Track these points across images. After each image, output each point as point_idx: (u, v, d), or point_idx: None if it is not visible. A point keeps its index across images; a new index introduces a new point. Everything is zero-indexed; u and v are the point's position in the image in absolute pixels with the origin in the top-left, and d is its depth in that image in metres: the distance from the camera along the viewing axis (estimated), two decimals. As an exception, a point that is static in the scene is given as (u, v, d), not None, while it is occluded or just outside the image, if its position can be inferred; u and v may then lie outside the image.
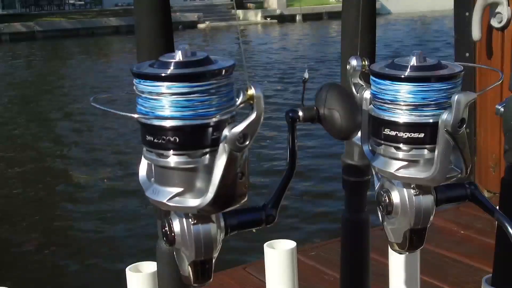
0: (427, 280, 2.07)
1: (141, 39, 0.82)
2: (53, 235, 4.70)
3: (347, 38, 0.93)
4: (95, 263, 4.08)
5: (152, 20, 0.81)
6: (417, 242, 0.84)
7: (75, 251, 4.35)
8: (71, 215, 5.22)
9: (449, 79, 0.75)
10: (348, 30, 0.92)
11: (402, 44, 14.83)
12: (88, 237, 4.57)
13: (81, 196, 5.66)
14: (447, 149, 0.75)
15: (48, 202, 5.59)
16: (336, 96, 0.79)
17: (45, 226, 4.88)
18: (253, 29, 23.55)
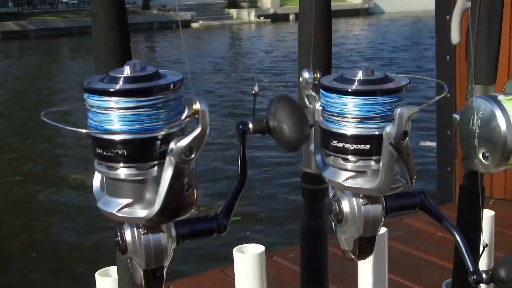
0: (402, 281, 2.10)
1: (98, 52, 0.84)
2: (32, 239, 4.68)
3: (303, 50, 0.95)
4: (68, 268, 4.07)
5: (109, 33, 0.83)
6: (367, 250, 0.86)
7: (48, 255, 4.33)
8: (51, 218, 5.20)
9: (394, 93, 0.78)
10: (304, 43, 0.94)
11: (392, 46, 14.81)
12: (62, 242, 4.56)
13: (60, 198, 5.63)
14: (391, 160, 0.77)
15: (28, 203, 5.57)
16: (285, 108, 0.81)
17: (25, 230, 4.87)
18: (246, 28, 23.56)
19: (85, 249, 4.30)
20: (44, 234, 4.78)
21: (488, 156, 0.97)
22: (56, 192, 5.79)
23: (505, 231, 2.58)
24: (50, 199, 5.65)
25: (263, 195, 4.93)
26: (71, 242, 4.51)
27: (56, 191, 5.83)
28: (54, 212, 5.31)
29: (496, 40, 1.02)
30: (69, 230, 4.79)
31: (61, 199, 5.61)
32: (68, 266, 4.08)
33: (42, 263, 4.19)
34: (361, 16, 26.04)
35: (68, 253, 4.31)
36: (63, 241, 4.56)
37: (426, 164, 4.76)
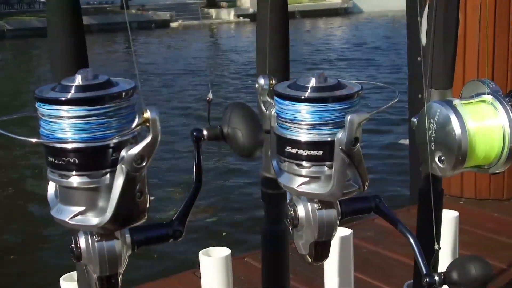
0: (370, 281, 2.13)
1: (54, 59, 0.84)
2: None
3: (260, 56, 0.96)
4: (34, 273, 4.04)
5: (64, 40, 0.84)
6: (323, 253, 0.88)
7: (14, 259, 4.30)
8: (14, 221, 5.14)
9: (346, 99, 0.79)
10: (261, 49, 0.95)
11: (369, 46, 14.84)
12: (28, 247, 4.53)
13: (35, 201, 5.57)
14: (343, 166, 0.78)
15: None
16: (239, 115, 0.82)
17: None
18: (225, 28, 23.54)
19: (50, 254, 4.28)
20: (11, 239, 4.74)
21: (444, 160, 0.99)
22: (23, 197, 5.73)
23: (474, 230, 2.62)
24: (15, 202, 5.60)
25: (240, 197, 4.94)
26: (36, 248, 4.48)
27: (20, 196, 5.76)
28: (19, 215, 5.26)
29: (452, 46, 1.04)
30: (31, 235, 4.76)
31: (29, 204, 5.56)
32: (32, 272, 4.05)
33: (7, 267, 4.15)
34: (340, 16, 26.12)
35: (32, 258, 4.28)
36: (30, 246, 4.52)
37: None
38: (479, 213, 2.82)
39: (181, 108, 8.51)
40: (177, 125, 7.41)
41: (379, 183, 4.93)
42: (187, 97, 9.37)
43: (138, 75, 0.72)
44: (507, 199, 2.89)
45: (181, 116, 7.96)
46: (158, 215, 4.18)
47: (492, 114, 0.98)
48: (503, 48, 2.76)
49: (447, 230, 1.51)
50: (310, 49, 15.06)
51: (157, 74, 11.85)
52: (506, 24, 2.74)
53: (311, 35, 19.41)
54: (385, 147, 6.09)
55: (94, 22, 21.82)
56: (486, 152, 0.99)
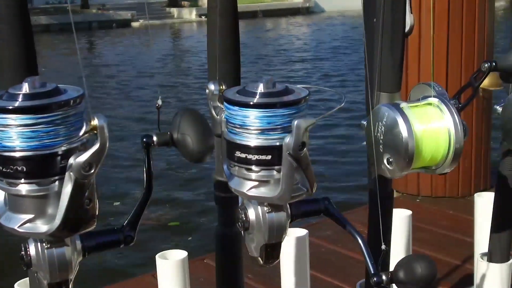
0: (329, 280, 2.16)
1: (2, 66, 0.84)
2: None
3: (211, 62, 0.97)
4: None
5: (13, 48, 0.83)
6: (273, 255, 0.89)
7: None
8: None
9: (293, 105, 0.81)
10: (212, 54, 0.97)
11: (329, 46, 14.90)
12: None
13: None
14: (291, 170, 0.80)
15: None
16: (188, 121, 0.83)
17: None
18: (187, 27, 23.45)
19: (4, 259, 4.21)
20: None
21: (392, 162, 1.01)
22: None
23: (430, 228, 2.68)
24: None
25: (202, 199, 4.94)
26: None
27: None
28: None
29: (399, 49, 1.06)
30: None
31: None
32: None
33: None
34: (302, 15, 26.25)
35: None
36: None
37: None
38: (435, 211, 2.88)
39: (138, 112, 8.38)
40: (134, 129, 7.31)
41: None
42: (145, 100, 9.17)
43: (85, 81, 0.73)
44: (462, 196, 2.96)
45: (138, 120, 7.85)
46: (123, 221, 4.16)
47: (438, 116, 1.01)
48: (456, 50, 2.82)
49: (400, 229, 1.54)
50: (270, 49, 15.09)
51: (116, 75, 11.71)
52: (459, 27, 2.81)
53: (272, 34, 19.46)
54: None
55: (54, 22, 21.54)
56: (433, 153, 1.01)
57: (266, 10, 25.91)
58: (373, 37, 1.07)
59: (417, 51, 2.81)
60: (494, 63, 1.05)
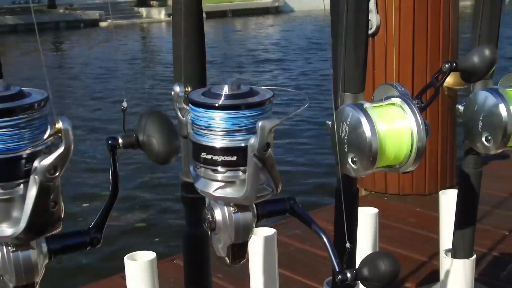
0: (298, 278, 2.18)
1: None
2: None
3: (177, 64, 0.98)
4: None
5: None
6: (240, 255, 0.90)
7: None
8: None
9: (258, 106, 0.82)
10: (178, 56, 0.97)
11: (298, 46, 14.92)
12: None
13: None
14: (256, 170, 0.81)
15: None
16: (154, 123, 0.83)
17: None
18: (156, 27, 23.33)
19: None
20: None
21: (356, 161, 1.03)
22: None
23: (397, 225, 2.72)
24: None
25: (171, 199, 4.93)
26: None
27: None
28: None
29: (363, 50, 1.08)
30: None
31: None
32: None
33: None
34: (271, 15, 26.31)
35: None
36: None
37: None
38: (402, 208, 2.92)
39: (105, 113, 8.30)
40: (102, 131, 7.25)
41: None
42: (111, 102, 9.04)
43: (49, 84, 0.73)
44: (429, 194, 3.00)
45: (105, 122, 7.78)
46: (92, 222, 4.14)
47: (400, 116, 1.03)
48: (422, 50, 2.86)
49: (367, 227, 1.56)
50: (238, 49, 15.09)
51: (82, 77, 11.58)
52: (424, 27, 2.85)
53: (241, 34, 19.47)
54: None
55: (20, 22, 21.24)
56: (396, 152, 1.03)
57: (236, 9, 25.92)
58: (338, 38, 1.08)
59: (384, 51, 2.84)
60: (455, 64, 1.07)
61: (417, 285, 2.15)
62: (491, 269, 2.28)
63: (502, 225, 2.66)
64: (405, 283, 2.19)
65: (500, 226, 2.65)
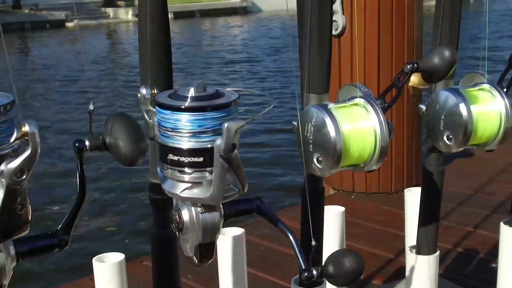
0: (267, 277, 2.20)
1: None
2: None
3: (143, 66, 0.99)
4: None
5: None
6: (207, 254, 0.91)
7: None
8: None
9: (224, 108, 0.83)
10: (144, 59, 0.98)
11: (266, 46, 14.90)
12: None
13: None
14: (222, 171, 0.82)
15: None
16: (120, 125, 0.84)
17: None
18: (123, 28, 23.17)
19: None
20: None
21: (321, 161, 1.05)
22: None
23: (364, 223, 2.75)
24: None
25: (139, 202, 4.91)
26: None
27: None
28: None
29: (327, 51, 1.10)
30: None
31: None
32: None
33: None
34: (239, 15, 26.32)
35: None
36: None
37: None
38: (369, 207, 2.96)
39: (72, 115, 8.20)
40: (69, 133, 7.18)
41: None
42: (78, 104, 8.93)
43: (15, 88, 0.73)
44: (395, 192, 3.04)
45: (73, 124, 7.70)
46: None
47: (364, 116, 1.06)
48: (387, 51, 2.90)
49: (334, 225, 1.59)
50: (206, 50, 15.06)
51: (48, 78, 11.44)
52: (389, 28, 2.89)
53: (209, 34, 19.44)
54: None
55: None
56: (360, 152, 1.06)
57: (203, 9, 25.87)
58: (304, 40, 1.10)
59: (350, 51, 2.88)
60: (416, 65, 1.10)
61: (384, 282, 2.19)
62: (456, 264, 2.33)
63: (467, 222, 2.72)
64: (372, 280, 2.23)
65: (465, 223, 2.71)
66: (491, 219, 2.71)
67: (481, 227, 2.66)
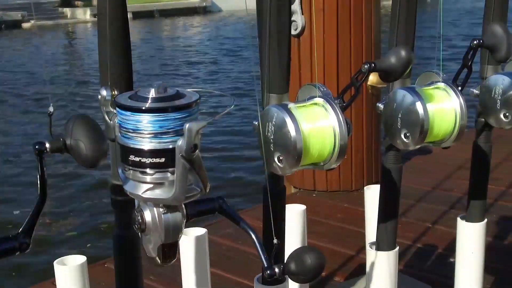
0: (230, 277, 2.21)
1: None
2: None
3: (103, 68, 0.98)
4: None
5: None
6: (170, 254, 0.92)
7: None
8: None
9: (185, 108, 0.84)
10: (103, 60, 0.98)
11: (227, 46, 14.84)
12: None
13: None
14: (184, 171, 0.83)
15: None
16: (81, 127, 0.84)
17: None
18: (82, 28, 22.88)
19: None
20: None
21: (282, 160, 1.06)
22: None
23: (326, 221, 2.79)
24: None
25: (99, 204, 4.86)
26: None
27: None
28: None
29: (286, 52, 1.11)
30: None
31: None
32: None
33: None
34: (199, 15, 26.24)
35: None
36: None
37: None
38: (330, 205, 3.00)
39: (31, 118, 8.04)
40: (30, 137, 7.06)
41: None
42: (37, 106, 8.74)
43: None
44: (356, 190, 3.09)
45: (33, 127, 7.57)
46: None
47: (323, 115, 1.07)
48: (346, 51, 2.94)
49: (295, 223, 1.60)
50: (166, 50, 14.98)
51: (4, 81, 11.22)
52: (348, 28, 2.93)
53: (168, 35, 19.32)
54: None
55: None
56: (320, 150, 1.07)
57: (163, 9, 25.71)
58: (263, 40, 1.11)
59: (309, 51, 2.91)
60: (374, 64, 1.12)
61: (345, 279, 2.22)
62: (415, 260, 2.38)
63: (426, 218, 2.77)
64: (334, 277, 2.25)
65: (424, 219, 2.76)
66: (448, 215, 2.77)
67: (439, 223, 2.72)
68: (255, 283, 1.22)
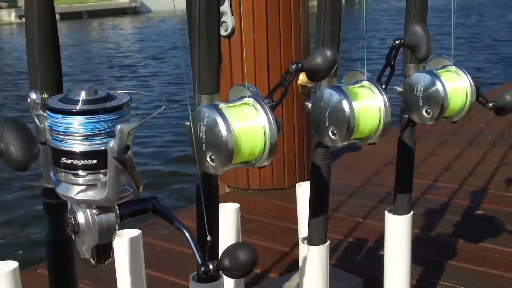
0: (166, 278, 2.21)
1: None
2: None
3: (32, 71, 0.98)
4: None
5: None
6: (105, 255, 0.92)
7: None
8: None
9: (116, 110, 0.85)
10: (32, 63, 0.97)
11: (157, 47, 14.65)
12: None
13: None
14: (117, 172, 0.84)
15: None
16: (11, 131, 0.84)
17: None
18: (6, 30, 22.21)
19: None
20: None
21: (214, 159, 1.08)
22: None
23: (260, 219, 2.82)
24: None
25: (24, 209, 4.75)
26: None
27: None
28: None
29: (216, 53, 1.13)
30: None
31: None
32: None
33: None
34: (129, 15, 25.91)
35: None
36: None
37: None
38: (264, 203, 3.04)
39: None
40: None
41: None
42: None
43: None
44: (289, 187, 3.14)
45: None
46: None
47: (253, 115, 1.10)
48: (276, 51, 2.98)
49: (229, 222, 1.63)
50: (94, 52, 14.73)
51: None
52: (277, 29, 2.97)
53: (97, 36, 18.99)
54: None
55: None
56: (251, 149, 1.10)
57: (91, 10, 25.27)
58: (193, 41, 1.12)
59: (240, 52, 2.94)
60: (301, 64, 1.15)
61: (280, 275, 2.26)
62: (347, 254, 2.44)
63: (356, 213, 2.85)
64: (269, 273, 2.29)
65: (354, 214, 2.84)
66: (378, 209, 2.85)
67: (369, 217, 2.80)
68: (191, 282, 1.24)
